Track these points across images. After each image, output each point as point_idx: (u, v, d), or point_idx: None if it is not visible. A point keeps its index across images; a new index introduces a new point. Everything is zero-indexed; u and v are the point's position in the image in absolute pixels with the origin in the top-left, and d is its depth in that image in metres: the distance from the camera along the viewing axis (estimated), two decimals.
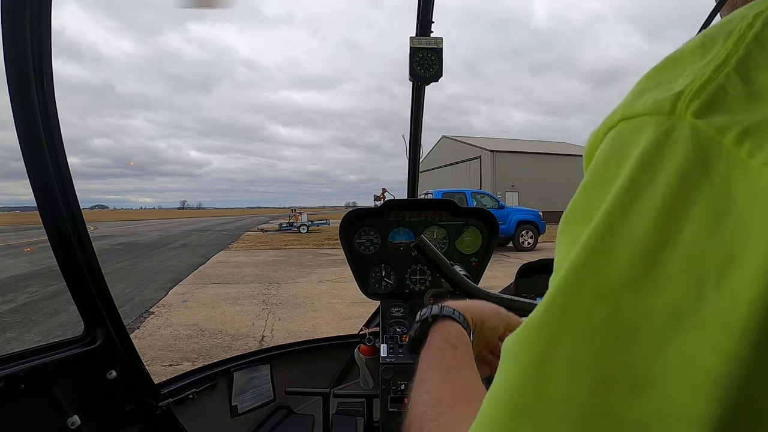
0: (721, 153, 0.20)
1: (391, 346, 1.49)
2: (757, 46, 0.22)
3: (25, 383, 1.11)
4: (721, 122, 0.20)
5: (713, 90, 0.21)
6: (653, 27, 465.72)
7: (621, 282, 0.20)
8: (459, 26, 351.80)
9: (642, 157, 0.22)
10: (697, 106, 0.21)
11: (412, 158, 2.02)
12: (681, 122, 0.21)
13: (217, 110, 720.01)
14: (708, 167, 0.20)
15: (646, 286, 0.20)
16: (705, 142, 0.20)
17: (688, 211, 0.20)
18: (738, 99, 0.21)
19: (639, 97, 0.24)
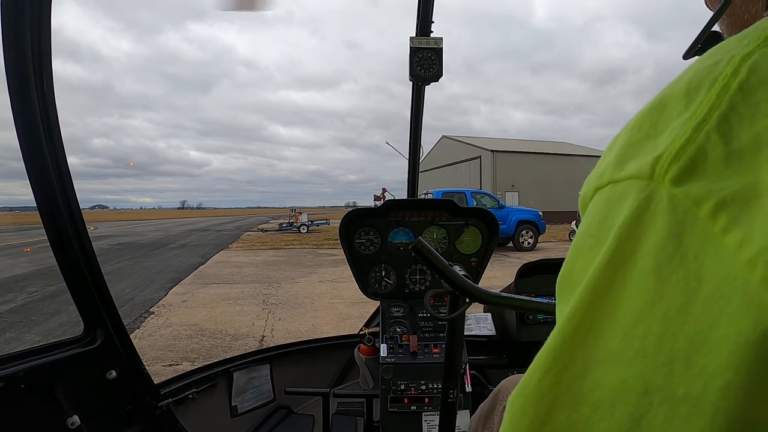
0: (696, 227, 0.20)
1: (391, 346, 1.49)
2: (742, 97, 0.21)
3: (25, 383, 1.11)
4: (698, 191, 0.20)
5: (692, 153, 0.21)
6: (653, 26, 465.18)
7: (602, 355, 0.21)
8: (459, 26, 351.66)
9: (624, 228, 0.22)
10: (675, 172, 0.21)
11: (412, 158, 2.02)
12: (659, 190, 0.21)
13: (217, 110, 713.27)
14: (682, 243, 0.20)
15: (622, 361, 0.20)
16: (681, 214, 0.20)
17: (662, 290, 0.20)
18: (717, 163, 0.20)
19: (626, 157, 0.24)
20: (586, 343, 0.22)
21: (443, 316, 1.08)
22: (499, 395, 1.08)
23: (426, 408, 1.41)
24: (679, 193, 0.20)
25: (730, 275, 0.18)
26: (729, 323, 0.18)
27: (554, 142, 41.77)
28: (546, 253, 12.05)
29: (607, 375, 0.21)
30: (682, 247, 0.20)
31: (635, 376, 0.20)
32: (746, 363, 0.17)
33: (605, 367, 0.21)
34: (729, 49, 0.23)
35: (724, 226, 0.19)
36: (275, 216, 51.87)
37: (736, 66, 0.21)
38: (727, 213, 0.19)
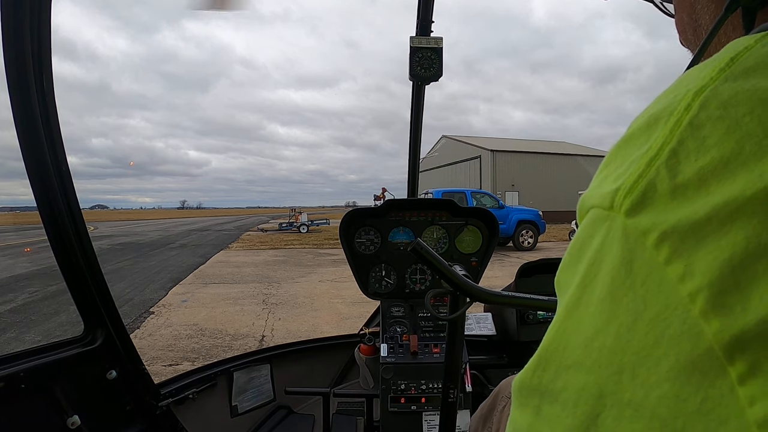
0: (644, 256, 0.21)
1: (391, 346, 1.49)
2: (690, 132, 0.22)
3: (25, 383, 1.10)
4: (646, 223, 0.22)
5: (643, 186, 0.22)
6: (654, 24, 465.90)
7: (569, 363, 0.24)
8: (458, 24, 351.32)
9: (593, 253, 0.25)
10: (629, 204, 0.22)
11: (412, 158, 2.02)
12: (617, 220, 0.23)
13: (215, 109, 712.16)
14: (632, 270, 0.22)
15: (583, 369, 0.23)
16: (632, 244, 0.22)
17: (615, 310, 0.22)
18: (664, 196, 0.21)
19: (602, 184, 0.26)
20: (558, 352, 0.25)
21: (443, 316, 1.08)
22: (499, 395, 1.08)
23: (426, 408, 1.41)
24: (631, 224, 0.22)
25: (672, 303, 0.20)
26: (669, 344, 0.20)
27: (554, 141, 41.78)
28: (546, 252, 12.05)
29: (572, 380, 0.24)
30: (632, 273, 0.22)
31: (592, 382, 0.23)
32: (681, 378, 0.19)
33: (571, 373, 0.24)
34: (688, 83, 0.24)
35: (667, 257, 0.20)
36: (275, 216, 51.89)
37: (689, 101, 0.23)
38: (669, 244, 0.20)
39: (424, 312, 1.60)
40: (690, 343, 0.19)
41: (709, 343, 0.19)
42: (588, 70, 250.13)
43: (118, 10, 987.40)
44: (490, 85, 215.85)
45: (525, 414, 0.27)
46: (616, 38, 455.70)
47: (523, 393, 0.28)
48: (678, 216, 0.21)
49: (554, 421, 0.24)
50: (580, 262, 0.26)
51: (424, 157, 33.24)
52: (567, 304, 0.26)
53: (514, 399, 0.29)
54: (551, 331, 0.27)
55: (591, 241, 0.25)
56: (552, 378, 0.25)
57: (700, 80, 0.23)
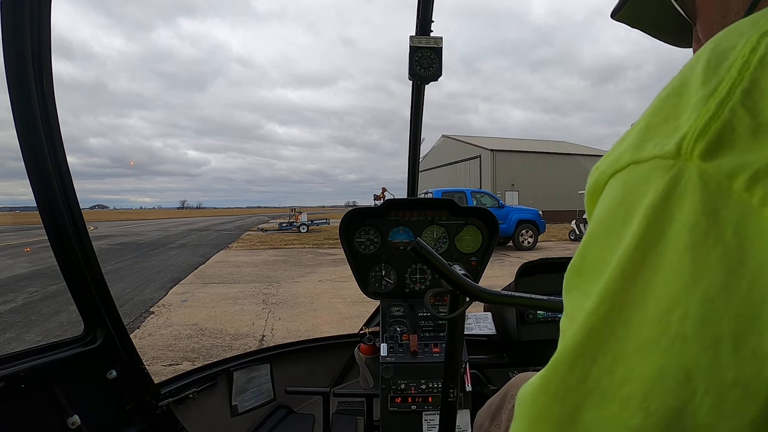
0: (731, 202, 0.19)
1: (391, 346, 1.49)
2: (763, 72, 0.20)
3: (25, 383, 1.10)
4: (730, 165, 0.19)
5: (719, 128, 0.20)
6: None
7: (633, 346, 0.20)
8: (456, 22, 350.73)
9: (651, 210, 0.21)
10: (703, 147, 0.20)
11: (412, 158, 2.02)
12: (688, 167, 0.20)
13: (213, 108, 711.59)
14: (718, 219, 0.19)
15: (657, 349, 0.19)
16: (714, 190, 0.19)
17: (699, 270, 0.19)
18: (746, 136, 0.19)
19: (646, 138, 0.23)
20: (615, 334, 0.21)
21: (443, 316, 1.08)
22: (509, 393, 1.08)
23: (426, 407, 1.41)
24: (710, 168, 0.20)
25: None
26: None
27: (554, 141, 41.79)
28: (546, 252, 12.05)
29: (640, 366, 0.19)
30: (718, 223, 0.19)
31: (674, 364, 0.18)
32: None
33: (637, 358, 0.20)
34: (743, 32, 0.23)
35: (761, 198, 0.18)
36: (275, 216, 51.89)
37: (754, 44, 0.21)
38: (762, 185, 0.18)
39: (424, 311, 1.60)
40: None
41: None
42: (588, 69, 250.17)
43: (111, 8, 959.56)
44: (490, 84, 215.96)
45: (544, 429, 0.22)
46: (617, 36, 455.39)
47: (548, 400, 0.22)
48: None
49: (608, 427, 0.20)
50: (624, 228, 0.22)
51: (423, 157, 33.25)
52: (620, 275, 0.21)
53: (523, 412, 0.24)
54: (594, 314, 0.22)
55: (640, 200, 0.21)
56: (606, 370, 0.20)
57: (761, 27, 0.22)
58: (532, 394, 0.23)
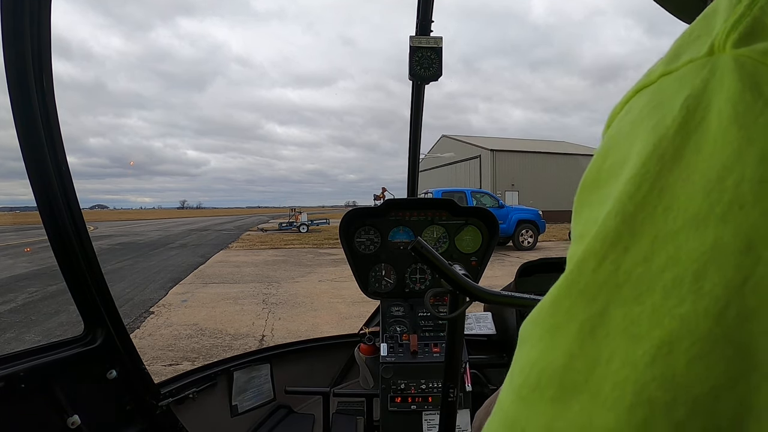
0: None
1: (391, 346, 1.49)
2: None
3: (25, 383, 1.10)
4: (764, 47, 0.19)
5: (749, 22, 0.20)
6: (655, 21, 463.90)
7: (679, 224, 0.18)
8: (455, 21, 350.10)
9: (691, 99, 0.20)
10: (735, 38, 0.20)
11: (411, 157, 2.02)
12: (722, 58, 0.20)
13: (212, 108, 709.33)
14: (761, 91, 0.18)
15: (710, 221, 0.17)
16: (751, 68, 0.19)
17: (750, 134, 0.18)
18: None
19: (678, 54, 0.23)
20: (655, 217, 0.19)
21: (443, 316, 1.08)
22: None
23: (426, 407, 1.41)
24: (745, 52, 0.20)
25: None
26: None
27: (554, 141, 41.79)
28: (546, 252, 12.05)
29: (689, 243, 0.17)
30: (763, 94, 0.18)
31: (731, 232, 0.17)
32: None
33: (685, 236, 0.18)
34: None
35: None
36: (275, 216, 51.90)
37: None
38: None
39: (423, 311, 1.60)
40: None
41: None
42: (588, 68, 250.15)
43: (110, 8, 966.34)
44: (489, 84, 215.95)
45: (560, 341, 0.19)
46: (617, 35, 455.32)
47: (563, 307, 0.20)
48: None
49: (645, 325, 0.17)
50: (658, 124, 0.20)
51: (423, 157, 33.26)
52: (658, 159, 0.19)
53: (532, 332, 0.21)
54: (630, 199, 0.19)
55: (676, 96, 0.21)
56: (643, 259, 0.18)
57: None
58: (553, 303, 0.21)
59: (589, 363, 0.18)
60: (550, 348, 0.19)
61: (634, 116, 0.22)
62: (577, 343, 0.18)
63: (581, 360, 0.18)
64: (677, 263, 0.17)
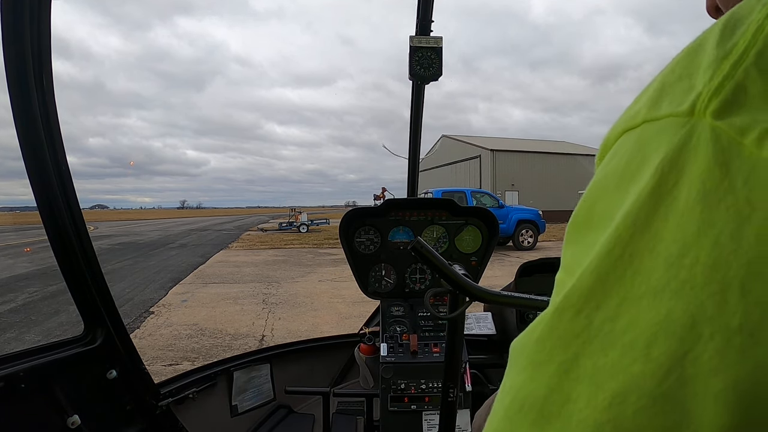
0: (742, 154, 0.19)
1: (391, 346, 1.49)
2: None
3: (25, 383, 1.10)
4: (741, 122, 0.20)
5: (732, 88, 0.21)
6: (655, 20, 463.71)
7: (641, 292, 0.20)
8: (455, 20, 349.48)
9: (666, 162, 0.21)
10: (716, 106, 0.21)
11: (411, 157, 2.02)
12: (700, 123, 0.21)
13: (212, 108, 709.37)
14: (729, 170, 0.19)
15: (665, 295, 0.19)
16: (725, 144, 0.20)
17: (710, 217, 0.19)
18: (758, 96, 0.20)
19: (660, 97, 0.23)
20: (624, 280, 0.21)
21: (443, 316, 1.08)
22: None
23: (426, 407, 1.41)
24: (722, 125, 0.20)
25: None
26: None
27: (554, 141, 41.79)
28: (546, 252, 12.04)
29: (646, 312, 0.19)
30: (730, 174, 0.19)
31: (681, 309, 0.19)
32: None
33: (644, 304, 0.20)
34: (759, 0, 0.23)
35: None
36: (275, 215, 51.89)
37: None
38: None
39: (423, 311, 1.60)
40: None
41: None
42: (588, 68, 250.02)
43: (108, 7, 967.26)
44: (489, 84, 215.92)
45: (541, 375, 0.22)
46: (617, 35, 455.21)
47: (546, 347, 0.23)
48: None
49: (607, 376, 0.20)
50: (637, 179, 0.22)
51: (423, 157, 33.24)
52: (631, 224, 0.21)
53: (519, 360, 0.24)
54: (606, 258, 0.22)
55: (654, 153, 0.22)
56: (610, 317, 0.20)
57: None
58: (538, 341, 0.23)
59: (562, 398, 0.21)
60: (533, 379, 0.22)
61: (620, 165, 0.24)
62: (555, 380, 0.21)
63: (557, 395, 0.21)
64: (635, 327, 0.20)
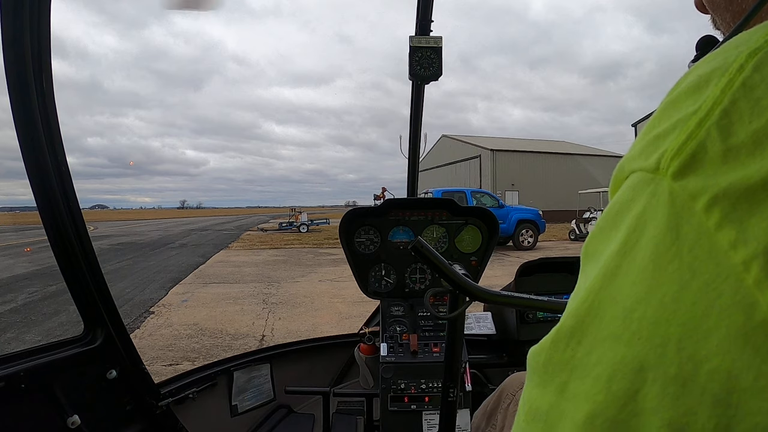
0: (692, 221, 0.20)
1: (391, 345, 1.49)
2: (744, 93, 0.21)
3: (25, 383, 1.11)
4: (695, 186, 0.21)
5: (693, 148, 0.21)
6: (655, 17, 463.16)
7: (604, 335, 0.23)
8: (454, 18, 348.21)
9: (634, 219, 0.23)
10: (676, 166, 0.22)
11: (411, 157, 2.02)
12: (662, 183, 0.22)
13: (210, 108, 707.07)
14: (679, 235, 0.21)
15: (621, 341, 0.22)
16: (678, 208, 0.21)
17: (659, 278, 0.21)
18: (715, 158, 0.21)
19: (644, 147, 0.24)
20: (595, 323, 0.23)
21: (443, 315, 1.08)
22: (504, 393, 1.08)
23: (426, 407, 1.41)
24: (678, 188, 0.21)
25: (723, 272, 0.19)
26: (720, 315, 0.19)
27: (554, 140, 41.77)
28: (546, 252, 12.05)
29: (608, 353, 0.22)
30: (679, 239, 0.21)
31: (632, 355, 0.21)
32: (733, 352, 0.18)
33: (606, 346, 0.22)
34: (738, 45, 0.23)
35: (717, 222, 0.20)
36: (275, 215, 51.88)
37: (742, 62, 0.22)
38: (720, 209, 0.20)
39: (423, 311, 1.60)
40: (743, 314, 0.18)
41: (764, 315, 0.18)
42: (588, 67, 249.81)
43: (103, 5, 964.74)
44: (488, 82, 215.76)
45: (547, 392, 0.25)
46: (617, 33, 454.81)
47: (549, 369, 0.26)
48: (730, 180, 0.20)
49: (583, 399, 0.23)
50: (617, 228, 0.24)
51: (423, 157, 33.23)
52: (603, 273, 0.24)
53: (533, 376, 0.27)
54: (585, 300, 0.25)
55: (632, 206, 0.24)
56: (587, 351, 0.23)
57: (754, 42, 0.22)
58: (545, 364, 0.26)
59: (559, 413, 0.24)
60: (543, 394, 0.26)
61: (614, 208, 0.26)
62: (554, 398, 0.25)
63: (556, 409, 0.24)
64: (601, 364, 0.23)
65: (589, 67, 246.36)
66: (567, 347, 0.25)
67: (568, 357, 0.25)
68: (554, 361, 0.26)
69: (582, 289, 0.26)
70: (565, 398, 0.24)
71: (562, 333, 0.26)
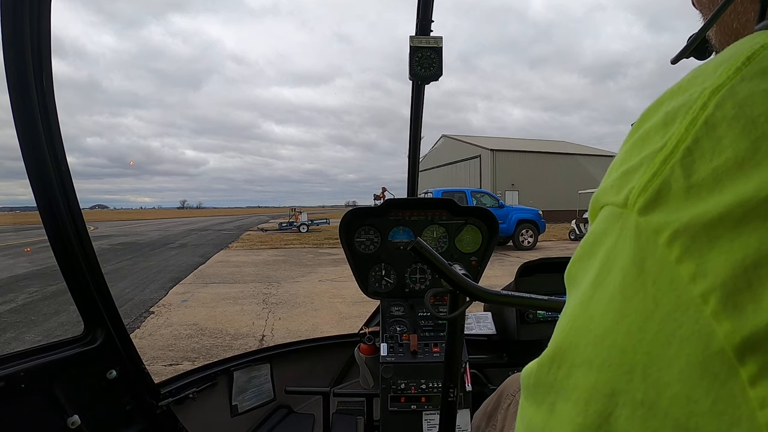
0: (656, 255, 0.21)
1: (391, 345, 1.49)
2: (706, 132, 0.22)
3: (25, 383, 1.10)
4: (659, 221, 0.22)
5: (658, 185, 0.22)
6: (656, 16, 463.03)
7: (580, 361, 0.24)
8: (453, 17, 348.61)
9: (606, 252, 0.25)
10: (642, 202, 0.23)
11: (411, 157, 2.02)
12: (630, 218, 0.23)
13: (209, 108, 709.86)
14: (644, 268, 0.22)
15: (593, 367, 0.23)
16: (644, 242, 0.22)
17: (626, 309, 0.22)
18: (678, 195, 0.21)
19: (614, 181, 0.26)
20: (571, 350, 0.25)
21: (443, 316, 1.08)
22: (504, 393, 1.08)
23: (426, 407, 1.41)
24: (644, 223, 0.22)
25: (683, 303, 0.20)
26: (680, 344, 0.20)
27: (554, 140, 41.77)
28: (546, 252, 12.05)
29: (583, 378, 0.24)
30: (644, 272, 0.22)
31: (603, 381, 0.23)
32: (693, 379, 0.19)
33: (582, 371, 0.24)
34: (704, 80, 0.24)
35: (678, 256, 0.20)
36: (275, 215, 51.88)
37: (705, 99, 0.22)
38: (680, 243, 0.20)
39: (424, 311, 1.60)
40: (701, 343, 0.19)
41: (721, 345, 0.19)
42: (588, 66, 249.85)
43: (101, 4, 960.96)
44: (488, 82, 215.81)
45: (540, 411, 0.27)
46: (617, 32, 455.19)
47: (539, 390, 0.27)
48: (690, 215, 0.20)
49: (567, 421, 0.24)
50: (592, 258, 0.26)
51: (423, 157, 33.23)
52: (580, 302, 0.26)
53: (527, 394, 0.29)
54: (565, 327, 0.26)
55: (604, 238, 0.25)
56: (566, 376, 0.25)
57: (717, 78, 0.23)
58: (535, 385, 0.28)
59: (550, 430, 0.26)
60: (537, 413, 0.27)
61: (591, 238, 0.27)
62: (546, 416, 0.26)
63: (548, 427, 0.26)
64: (579, 388, 0.24)
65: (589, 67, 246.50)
66: (549, 371, 0.27)
67: (551, 380, 0.26)
68: (542, 383, 0.27)
69: (563, 315, 0.27)
70: (554, 418, 0.25)
71: (545, 357, 0.27)
